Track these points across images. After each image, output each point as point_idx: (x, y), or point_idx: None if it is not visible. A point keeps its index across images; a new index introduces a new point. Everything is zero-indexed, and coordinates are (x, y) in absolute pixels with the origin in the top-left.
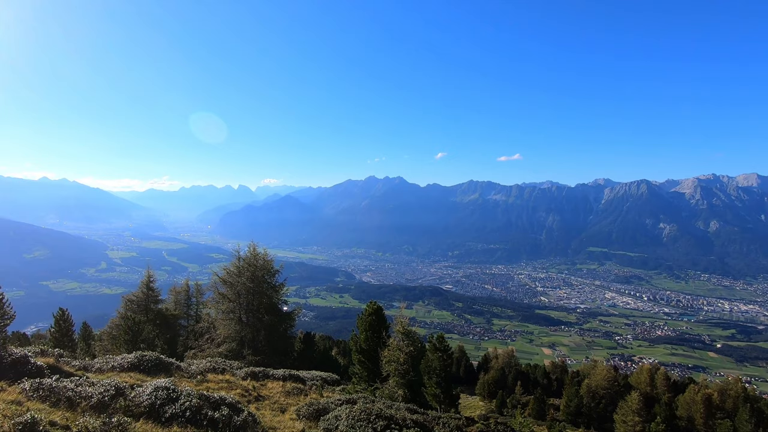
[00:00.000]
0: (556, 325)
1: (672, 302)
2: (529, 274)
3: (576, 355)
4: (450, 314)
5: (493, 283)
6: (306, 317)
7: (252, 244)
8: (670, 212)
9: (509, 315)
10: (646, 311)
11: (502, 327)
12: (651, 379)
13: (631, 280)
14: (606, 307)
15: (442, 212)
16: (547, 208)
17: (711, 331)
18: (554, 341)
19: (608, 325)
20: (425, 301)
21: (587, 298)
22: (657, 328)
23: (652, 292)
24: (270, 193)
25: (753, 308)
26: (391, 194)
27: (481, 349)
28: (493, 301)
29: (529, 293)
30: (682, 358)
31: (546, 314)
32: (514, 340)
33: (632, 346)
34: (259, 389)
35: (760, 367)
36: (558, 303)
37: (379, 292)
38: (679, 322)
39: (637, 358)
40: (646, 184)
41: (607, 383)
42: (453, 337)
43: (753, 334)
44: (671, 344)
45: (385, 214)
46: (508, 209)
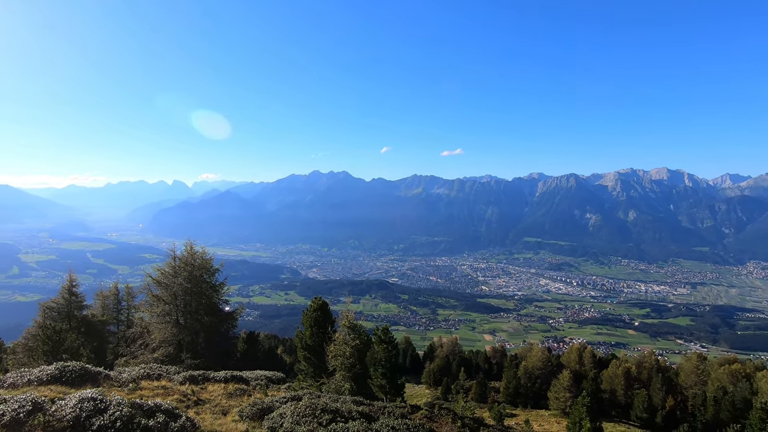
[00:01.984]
0: (497, 312)
1: (597, 286)
2: (471, 265)
3: (514, 339)
4: (396, 306)
5: (437, 275)
6: (250, 317)
7: (189, 242)
8: (596, 203)
9: (453, 305)
10: (576, 295)
11: (447, 317)
12: (579, 357)
13: (562, 267)
14: (541, 293)
15: (388, 206)
16: (487, 201)
17: (630, 310)
18: (495, 327)
19: (543, 310)
20: (372, 294)
21: (524, 286)
22: (585, 310)
23: (581, 278)
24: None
25: (664, 288)
26: (336, 189)
27: (426, 339)
28: (437, 292)
29: (471, 283)
30: (606, 336)
31: (487, 302)
32: (458, 328)
33: (564, 328)
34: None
35: (669, 340)
36: (498, 291)
37: (325, 288)
38: (603, 304)
39: (568, 339)
40: (575, 178)
41: (542, 364)
42: (399, 328)
43: (664, 312)
44: (597, 324)
45: (330, 209)
46: (451, 203)
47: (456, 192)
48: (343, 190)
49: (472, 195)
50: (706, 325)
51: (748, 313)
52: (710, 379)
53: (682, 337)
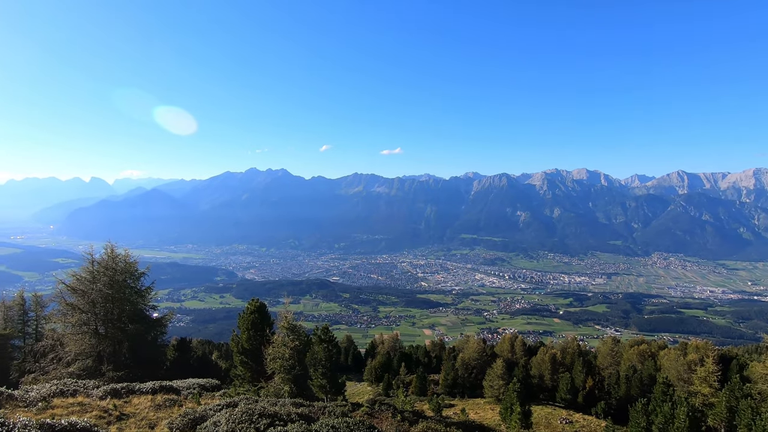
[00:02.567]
0: (435, 307)
1: (527, 279)
2: (411, 262)
3: (452, 332)
4: (338, 305)
5: (378, 273)
6: (181, 322)
7: (109, 244)
8: (525, 201)
9: (394, 301)
10: (508, 288)
11: (388, 313)
12: (511, 346)
13: (495, 262)
14: (476, 288)
15: (328, 205)
16: (426, 199)
17: (556, 300)
18: (434, 322)
19: (478, 303)
20: (312, 294)
21: (461, 281)
22: (516, 302)
23: (513, 272)
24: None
25: (584, 279)
26: (274, 187)
27: (368, 337)
28: (378, 290)
29: (411, 279)
30: (535, 325)
31: (426, 298)
32: (399, 324)
33: (497, 319)
34: (122, 407)
35: (589, 326)
36: (437, 287)
37: (264, 289)
38: (532, 296)
39: (501, 329)
40: (506, 178)
41: (478, 355)
42: (341, 327)
43: (584, 301)
44: (527, 315)
45: (268, 207)
46: (391, 201)
47: (396, 190)
48: (282, 189)
49: (412, 193)
50: (620, 311)
51: (653, 299)
52: (623, 359)
53: (599, 323)
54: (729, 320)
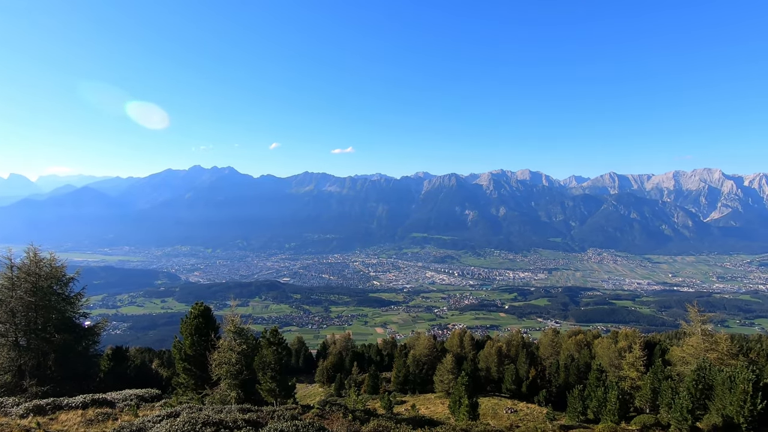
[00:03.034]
0: (387, 305)
1: (475, 276)
2: (363, 261)
3: (404, 330)
4: (288, 307)
5: (330, 272)
6: (117, 330)
7: (32, 247)
8: (473, 200)
9: (346, 301)
10: (457, 285)
11: (340, 313)
12: (460, 341)
13: (445, 259)
14: (427, 285)
15: (278, 204)
16: (377, 198)
17: (501, 295)
18: (386, 320)
19: (429, 300)
20: (262, 296)
21: (412, 279)
22: (465, 298)
23: (461, 269)
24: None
25: (527, 275)
26: (220, 185)
27: (320, 337)
28: (330, 290)
29: (363, 278)
30: (482, 320)
31: (378, 297)
32: (351, 324)
33: (447, 316)
34: (47, 425)
35: (532, 319)
36: (388, 285)
37: (209, 292)
38: (480, 292)
39: (451, 325)
40: (455, 177)
41: (428, 351)
42: (292, 329)
43: (528, 295)
44: (475, 310)
45: (214, 207)
46: (343, 200)
47: (348, 190)
48: (229, 187)
49: (363, 192)
50: (559, 304)
51: (589, 292)
52: (562, 349)
53: (541, 316)
54: (653, 309)
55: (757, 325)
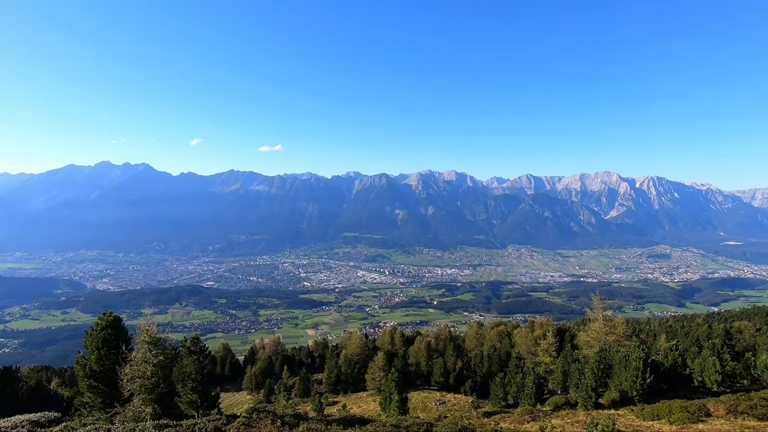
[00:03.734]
0: (319, 306)
1: (405, 273)
2: (293, 262)
3: (336, 330)
4: (213, 312)
5: (258, 275)
6: (6, 348)
7: None
8: (403, 200)
9: (275, 303)
10: (388, 283)
11: (269, 316)
12: (391, 338)
13: (376, 258)
14: (359, 284)
15: (200, 204)
16: (308, 198)
17: (430, 292)
18: (317, 321)
19: (361, 299)
20: (183, 302)
21: (344, 278)
22: (396, 295)
23: (392, 267)
24: None
25: (454, 271)
26: (133, 183)
27: (248, 343)
28: (258, 293)
29: (294, 280)
30: (413, 317)
31: (309, 298)
32: (281, 327)
33: (378, 314)
34: None
35: (459, 313)
36: (319, 286)
37: (121, 300)
38: (410, 289)
39: (382, 323)
40: (386, 177)
41: (360, 350)
42: (217, 335)
43: (455, 290)
44: (405, 307)
45: (126, 207)
46: (271, 199)
47: (276, 189)
48: (144, 185)
49: (293, 192)
50: (483, 297)
51: (509, 285)
52: (486, 340)
53: (467, 310)
54: (564, 299)
55: (646, 310)
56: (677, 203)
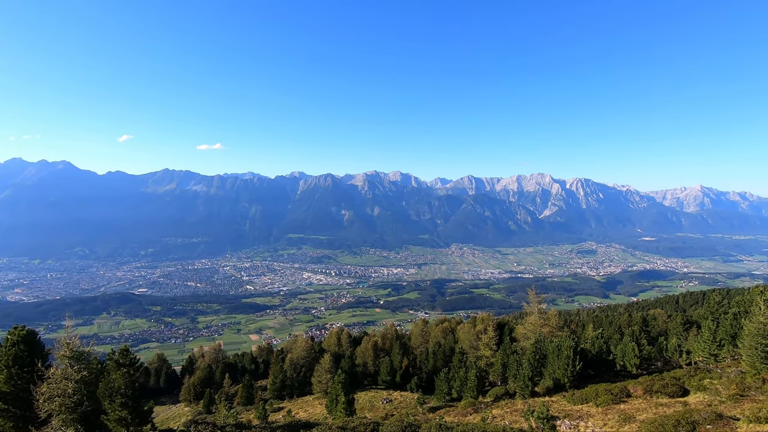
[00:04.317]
0: (263, 310)
1: (352, 274)
2: (234, 265)
3: (281, 334)
4: (146, 321)
5: (196, 279)
6: None
7: None
8: (349, 201)
9: (216, 309)
10: (334, 284)
11: (209, 323)
12: (338, 340)
13: (322, 259)
14: (304, 286)
15: (130, 205)
16: (250, 198)
17: (377, 292)
18: (261, 326)
19: (306, 301)
20: (111, 311)
21: (289, 281)
22: (342, 296)
23: (338, 268)
24: None
25: (400, 270)
26: (51, 183)
27: (186, 352)
28: (197, 298)
29: (236, 284)
30: (359, 317)
31: (252, 302)
32: (222, 333)
33: (325, 315)
34: None
35: (405, 312)
36: (263, 289)
37: (37, 312)
38: (356, 289)
39: (329, 325)
40: (331, 178)
41: (306, 353)
42: (151, 345)
43: (401, 289)
44: (352, 308)
45: (42, 208)
46: (210, 200)
47: (216, 189)
48: (65, 185)
49: (234, 192)
50: (428, 295)
51: (453, 283)
52: (430, 337)
53: (413, 308)
54: (503, 295)
55: (576, 302)
56: (602, 203)
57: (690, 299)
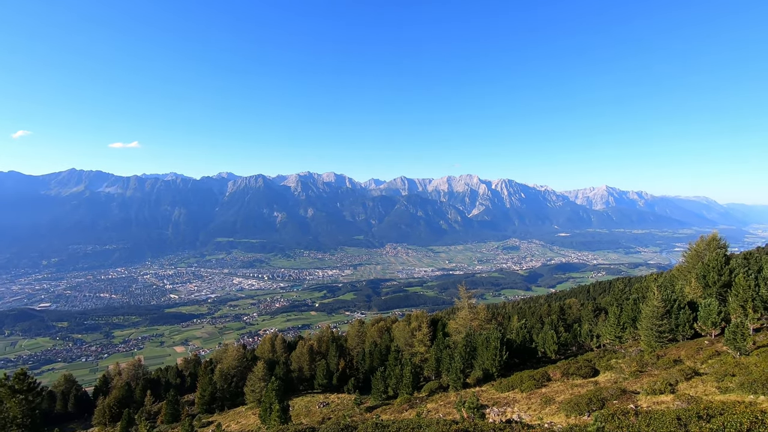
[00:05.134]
0: (189, 320)
1: (286, 277)
2: (156, 273)
3: (210, 344)
4: (50, 339)
5: (111, 290)
6: None
7: None
8: (281, 202)
9: (135, 321)
10: (267, 289)
11: (126, 337)
12: (272, 346)
13: (254, 263)
14: (235, 292)
15: (28, 209)
16: (173, 201)
17: (312, 294)
18: (187, 337)
19: (237, 308)
20: (6, 331)
21: (217, 287)
22: (276, 301)
23: (271, 272)
24: None
25: (335, 272)
26: None
27: (100, 371)
28: (112, 311)
29: (158, 293)
30: (294, 321)
31: (177, 311)
32: (143, 347)
33: (258, 322)
34: None
35: (341, 314)
36: (189, 297)
37: None
38: (291, 293)
39: (262, 331)
40: (263, 179)
41: (238, 362)
42: (56, 366)
43: (336, 291)
44: (286, 312)
45: None
46: (127, 203)
47: (133, 191)
48: None
49: (155, 194)
50: (364, 296)
51: (388, 282)
52: (367, 337)
53: (349, 309)
54: (436, 292)
55: (502, 295)
56: (524, 202)
57: (599, 288)
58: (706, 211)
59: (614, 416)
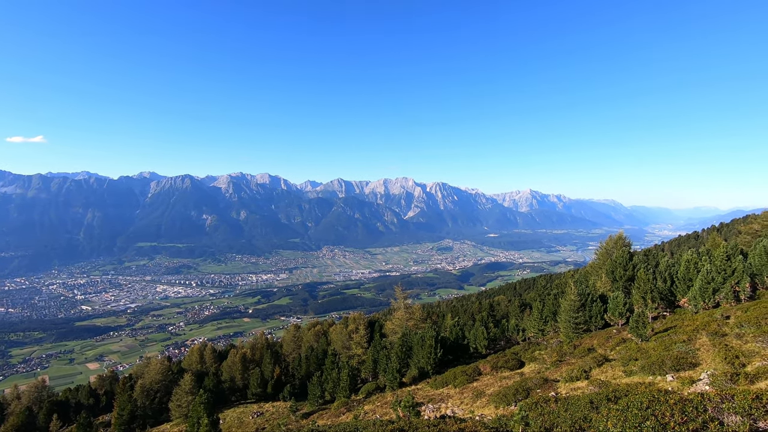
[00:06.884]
0: (104, 333)
1: (216, 283)
2: (64, 282)
3: (129, 358)
4: None
5: (8, 303)
6: None
7: None
8: (211, 204)
9: (38, 338)
10: (196, 296)
11: (27, 355)
12: (201, 356)
13: (180, 270)
14: (158, 301)
15: None
16: (86, 202)
17: (245, 300)
18: (102, 352)
19: (161, 318)
20: None
21: (138, 296)
22: (205, 309)
23: (200, 278)
24: None
25: (270, 276)
26: None
27: None
28: (10, 326)
29: (67, 305)
30: (226, 329)
31: (90, 324)
32: (47, 366)
33: (185, 331)
34: None
35: (276, 319)
36: (104, 308)
37: None
38: (222, 300)
39: (189, 341)
40: (190, 179)
41: (162, 376)
42: None
43: (271, 296)
44: (217, 320)
45: None
46: (28, 205)
47: (36, 191)
48: None
49: (63, 195)
50: (300, 300)
51: (325, 285)
52: (303, 342)
53: (285, 314)
54: (373, 293)
55: (437, 294)
56: (456, 204)
57: (525, 285)
58: (614, 212)
59: (537, 404)
